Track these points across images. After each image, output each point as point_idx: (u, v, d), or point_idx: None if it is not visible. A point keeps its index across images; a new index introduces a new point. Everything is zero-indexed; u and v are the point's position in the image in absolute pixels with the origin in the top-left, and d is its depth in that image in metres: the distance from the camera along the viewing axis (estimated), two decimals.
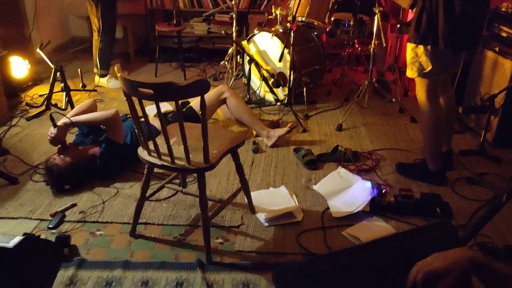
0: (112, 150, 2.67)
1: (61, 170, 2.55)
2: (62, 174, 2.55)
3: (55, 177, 2.56)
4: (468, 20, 2.24)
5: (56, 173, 2.55)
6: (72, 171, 2.57)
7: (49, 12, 5.13)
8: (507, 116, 2.95)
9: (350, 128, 3.45)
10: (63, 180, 2.57)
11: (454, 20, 2.22)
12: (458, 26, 2.24)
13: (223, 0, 5.02)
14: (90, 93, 4.07)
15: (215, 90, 3.15)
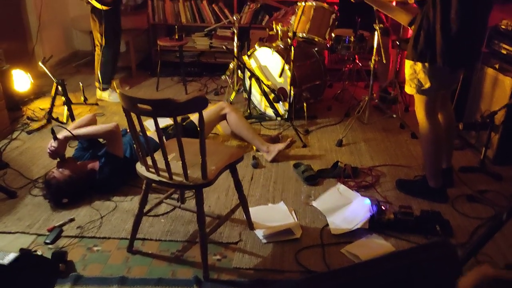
0: (112, 163, 2.67)
1: (59, 184, 2.55)
2: (60, 188, 2.55)
3: (53, 190, 2.55)
4: (465, 37, 2.24)
5: (55, 186, 2.55)
6: (70, 184, 2.57)
7: (53, 26, 5.18)
8: (508, 133, 2.94)
9: (351, 144, 3.44)
10: (61, 193, 2.56)
11: (451, 37, 2.23)
12: (455, 44, 2.24)
13: (225, 16, 5.06)
14: (91, 107, 4.08)
15: (215, 106, 3.17)
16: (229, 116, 3.17)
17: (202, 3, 5.08)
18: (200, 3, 5.09)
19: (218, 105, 3.22)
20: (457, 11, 2.19)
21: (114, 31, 4.14)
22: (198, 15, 5.15)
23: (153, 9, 5.17)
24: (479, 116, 3.10)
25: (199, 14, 5.14)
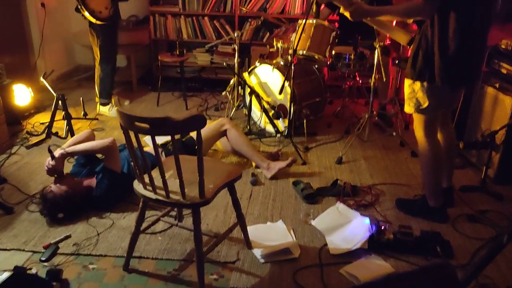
0: (109, 178, 2.66)
1: (56, 198, 2.53)
2: (56, 202, 2.53)
3: (50, 205, 2.54)
4: (463, 57, 2.24)
5: (51, 201, 2.53)
6: (67, 199, 2.55)
7: (55, 41, 5.22)
8: (509, 152, 2.93)
9: (350, 161, 3.43)
10: (57, 208, 2.55)
11: (449, 57, 2.23)
12: (453, 63, 2.24)
13: (226, 32, 5.09)
14: (91, 121, 4.08)
15: (215, 122, 3.17)
16: (229, 132, 3.16)
17: (204, 20, 5.12)
18: (202, 20, 5.13)
19: (218, 121, 3.21)
20: (455, 30, 2.20)
21: (111, 46, 4.16)
22: (200, 31, 5.18)
23: (155, 25, 5.22)
24: (479, 135, 3.09)
25: (201, 30, 5.18)
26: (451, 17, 2.19)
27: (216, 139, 3.21)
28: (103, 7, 3.87)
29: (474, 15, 2.20)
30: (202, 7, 5.07)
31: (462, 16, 2.18)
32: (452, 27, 2.20)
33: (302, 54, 3.59)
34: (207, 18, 5.11)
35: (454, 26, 2.19)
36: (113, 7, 3.92)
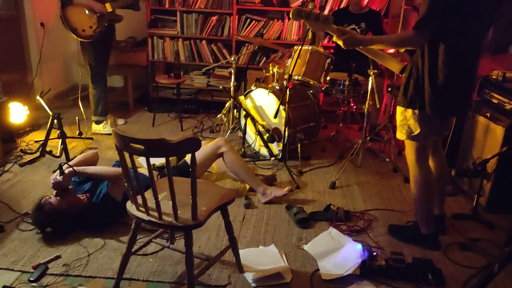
0: (109, 206, 2.65)
1: (52, 211, 2.52)
2: (50, 215, 2.51)
3: (44, 216, 2.52)
4: (452, 87, 2.28)
5: (46, 212, 2.51)
6: (61, 215, 2.54)
7: (54, 60, 5.26)
8: (500, 181, 2.96)
9: (344, 186, 3.44)
10: (49, 221, 2.52)
11: (439, 86, 2.27)
12: (442, 93, 2.28)
13: (223, 56, 5.17)
14: (86, 141, 4.09)
15: (212, 144, 3.14)
16: (226, 155, 3.13)
17: (201, 43, 5.20)
18: (200, 43, 5.21)
19: (215, 142, 3.16)
20: (444, 61, 2.25)
21: (100, 66, 4.20)
22: (197, 54, 5.25)
23: (153, 47, 5.29)
24: (471, 163, 3.13)
25: (198, 53, 5.25)
26: (441, 49, 2.25)
27: (211, 161, 3.18)
28: (87, 25, 3.94)
29: (463, 47, 2.26)
30: (200, 31, 5.16)
31: (451, 48, 2.23)
32: (442, 58, 2.25)
33: (297, 79, 3.65)
34: (204, 41, 5.19)
35: (443, 58, 2.25)
36: (100, 26, 3.96)
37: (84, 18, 3.92)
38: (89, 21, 3.94)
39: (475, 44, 2.31)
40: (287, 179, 3.49)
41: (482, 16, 2.25)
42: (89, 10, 3.92)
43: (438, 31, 2.20)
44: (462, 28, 2.20)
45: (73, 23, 3.90)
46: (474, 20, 2.22)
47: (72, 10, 3.89)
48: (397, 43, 2.37)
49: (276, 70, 4.05)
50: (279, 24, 5.05)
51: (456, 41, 2.22)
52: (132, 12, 4.25)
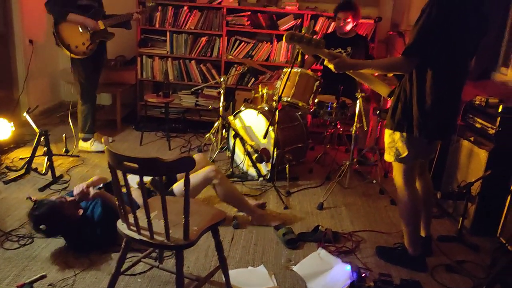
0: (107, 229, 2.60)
1: (54, 209, 2.52)
2: (51, 213, 2.50)
3: (44, 210, 2.50)
4: (439, 111, 2.35)
5: (49, 207, 2.51)
6: (59, 218, 2.53)
7: (41, 76, 5.24)
8: (484, 204, 3.01)
9: (331, 207, 3.47)
10: (47, 218, 2.50)
11: (426, 110, 2.34)
12: (430, 116, 2.35)
13: (212, 76, 5.22)
14: (73, 158, 4.05)
15: (203, 174, 2.97)
16: (217, 187, 3.01)
17: (191, 63, 5.25)
18: (189, 63, 5.25)
19: (206, 173, 2.98)
20: (431, 86, 2.32)
21: (90, 83, 4.20)
22: (186, 74, 5.29)
23: (142, 66, 5.31)
24: (456, 186, 3.19)
25: (187, 73, 5.29)
26: (429, 74, 2.32)
27: (200, 190, 3.06)
28: (80, 42, 3.95)
29: (451, 73, 2.33)
30: (190, 51, 5.21)
31: (439, 74, 2.30)
32: (429, 83, 2.32)
33: (286, 101, 3.70)
34: (194, 61, 5.24)
35: (431, 83, 2.32)
36: (93, 44, 3.98)
37: (77, 34, 3.94)
38: (82, 38, 3.95)
39: (461, 70, 2.39)
40: (275, 199, 3.51)
41: (468, 44, 2.33)
42: (82, 27, 3.94)
43: (426, 57, 2.27)
44: (449, 55, 2.28)
45: (66, 39, 3.91)
46: (460, 48, 2.30)
47: (66, 26, 3.90)
48: (386, 67, 2.44)
49: (265, 92, 4.10)
50: (267, 46, 5.13)
51: (443, 67, 2.30)
52: (122, 31, 4.29)
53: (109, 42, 4.22)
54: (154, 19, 5.14)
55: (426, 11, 2.20)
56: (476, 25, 2.30)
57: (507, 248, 2.70)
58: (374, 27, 5.00)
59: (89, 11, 3.96)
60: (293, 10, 5.03)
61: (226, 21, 5.05)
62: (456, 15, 2.21)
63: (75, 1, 3.91)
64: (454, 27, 2.22)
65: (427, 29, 2.21)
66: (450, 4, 2.21)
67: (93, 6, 4.02)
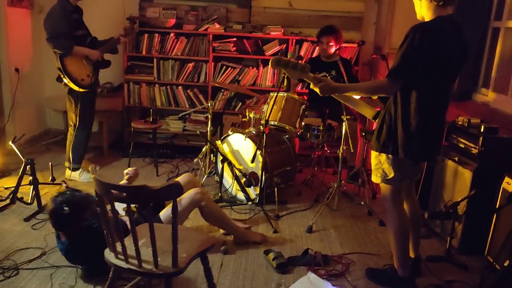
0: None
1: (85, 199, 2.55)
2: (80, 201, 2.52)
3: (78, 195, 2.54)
4: (424, 133, 2.39)
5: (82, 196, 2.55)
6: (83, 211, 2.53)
7: (27, 105, 5.22)
8: (471, 223, 3.05)
9: (320, 230, 3.47)
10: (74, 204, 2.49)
11: (411, 132, 2.38)
12: (415, 139, 2.39)
13: (200, 101, 5.25)
14: (59, 186, 4.01)
15: (188, 197, 2.92)
16: (204, 208, 2.99)
17: (178, 89, 5.28)
18: (176, 89, 5.29)
19: (191, 196, 2.93)
20: (416, 109, 2.37)
21: (90, 113, 4.21)
22: (173, 100, 5.32)
23: (129, 92, 5.33)
24: (443, 205, 3.22)
25: (174, 98, 5.32)
26: (413, 96, 2.37)
27: (188, 214, 3.03)
28: (85, 75, 3.97)
29: (434, 95, 2.39)
30: (177, 77, 5.25)
31: (423, 96, 2.36)
32: (414, 105, 2.37)
33: (273, 124, 3.74)
34: (181, 87, 5.28)
35: (415, 105, 2.37)
36: (95, 74, 4.01)
37: (82, 67, 3.94)
38: (87, 70, 3.97)
39: (444, 92, 2.45)
40: (264, 223, 3.50)
41: (451, 68, 2.40)
42: (86, 59, 3.94)
43: (410, 80, 2.33)
44: (432, 79, 2.34)
45: (74, 73, 3.88)
46: (443, 72, 2.37)
47: (71, 61, 3.88)
48: (370, 90, 2.49)
49: (253, 116, 4.14)
50: (254, 71, 5.20)
51: (427, 90, 2.35)
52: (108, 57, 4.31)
53: None
54: (140, 46, 5.19)
55: (410, 37, 2.27)
56: (457, 51, 2.37)
57: (495, 267, 2.72)
58: (357, 50, 5.11)
59: (85, 41, 3.97)
60: (278, 35, 5.13)
61: (213, 47, 5.12)
62: (438, 42, 2.28)
63: (72, 32, 3.90)
64: (436, 53, 2.28)
65: (410, 54, 2.27)
66: (432, 31, 2.28)
67: (87, 35, 4.05)
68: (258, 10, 5.31)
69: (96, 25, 4.35)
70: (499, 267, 2.66)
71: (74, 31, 3.91)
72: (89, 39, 4.02)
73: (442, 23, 2.32)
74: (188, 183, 3.14)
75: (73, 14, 3.91)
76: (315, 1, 5.22)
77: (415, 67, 2.30)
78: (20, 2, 4.91)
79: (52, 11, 3.86)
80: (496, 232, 2.84)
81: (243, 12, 5.34)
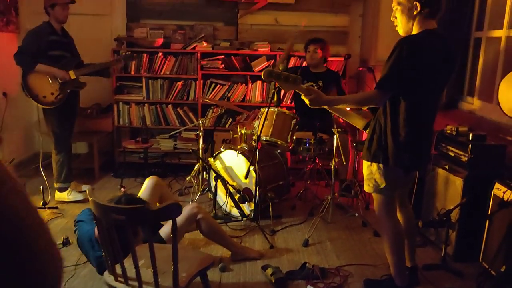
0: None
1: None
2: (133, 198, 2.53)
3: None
4: (413, 143, 2.44)
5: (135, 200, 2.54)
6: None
7: (16, 128, 5.18)
8: (464, 230, 3.09)
9: (316, 243, 3.48)
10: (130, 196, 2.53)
11: (401, 143, 2.42)
12: (405, 148, 2.43)
13: (190, 119, 5.26)
14: (51, 210, 3.97)
15: (185, 212, 2.88)
16: (202, 222, 2.96)
17: (167, 108, 5.29)
18: (166, 108, 5.30)
19: (188, 210, 2.91)
20: (405, 119, 2.42)
21: (64, 132, 4.19)
22: (163, 118, 5.32)
23: (119, 113, 5.32)
24: (436, 214, 3.26)
25: (164, 117, 5.32)
26: (402, 107, 2.42)
27: (185, 230, 3.01)
28: (49, 92, 3.97)
29: (423, 105, 2.45)
30: (166, 95, 5.26)
31: (411, 106, 2.41)
32: (403, 116, 2.42)
33: (265, 140, 3.77)
34: (170, 106, 5.29)
35: (404, 115, 2.42)
36: (62, 93, 4.00)
37: (46, 85, 3.95)
38: (51, 88, 3.97)
39: (433, 102, 2.51)
40: (260, 239, 3.50)
41: (438, 77, 2.46)
42: (51, 78, 3.96)
43: (398, 91, 2.38)
44: (420, 88, 2.40)
45: (34, 89, 3.92)
46: (431, 81, 2.43)
47: (34, 77, 3.92)
48: (360, 102, 2.54)
49: (244, 132, 4.16)
50: (243, 87, 5.24)
51: (416, 100, 2.41)
52: (97, 79, 4.33)
53: (85, 90, 4.25)
54: (129, 66, 5.20)
55: (397, 49, 2.32)
56: (444, 62, 2.43)
57: (490, 273, 2.76)
58: (344, 64, 5.19)
59: (59, 61, 4.00)
60: (265, 51, 5.19)
61: (201, 65, 5.15)
62: (425, 53, 2.34)
63: (46, 51, 3.94)
64: (423, 64, 2.34)
65: (398, 65, 2.32)
66: (419, 44, 2.35)
67: (65, 56, 4.06)
68: (245, 27, 5.38)
69: (84, 46, 4.37)
70: (494, 273, 2.70)
71: (48, 51, 3.95)
72: (64, 60, 4.03)
73: (428, 36, 2.39)
74: (154, 187, 3.15)
75: (50, 35, 3.98)
76: (301, 17, 5.29)
77: (403, 78, 2.35)
78: (6, 26, 4.92)
79: (28, 32, 4.00)
80: (490, 238, 2.89)
81: (230, 29, 5.40)
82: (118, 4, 5.35)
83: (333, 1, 5.28)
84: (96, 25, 5.37)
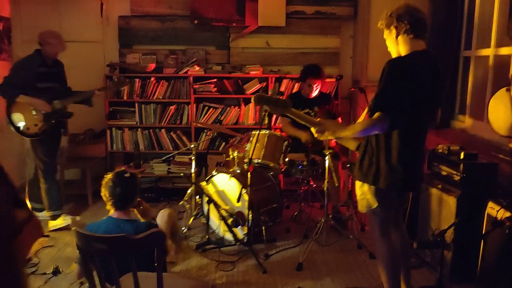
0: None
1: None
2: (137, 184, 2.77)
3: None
4: (406, 164, 2.42)
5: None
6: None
7: (7, 156, 5.14)
8: (459, 250, 3.04)
9: (311, 267, 3.42)
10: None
11: (393, 164, 2.40)
12: (397, 169, 2.41)
13: (183, 142, 5.25)
14: (42, 239, 3.91)
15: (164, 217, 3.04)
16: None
17: (161, 132, 5.28)
18: (159, 132, 5.29)
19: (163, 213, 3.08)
20: (397, 140, 2.40)
21: (50, 160, 4.15)
22: (156, 143, 5.31)
23: (112, 138, 5.30)
24: (430, 234, 3.22)
25: (157, 141, 5.31)
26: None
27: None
28: (32, 124, 3.97)
29: (415, 126, 2.44)
30: (159, 120, 5.26)
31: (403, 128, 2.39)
32: (395, 137, 2.40)
33: (257, 162, 3.75)
34: (164, 130, 5.28)
35: (396, 137, 2.40)
36: (46, 124, 3.98)
37: (30, 116, 3.94)
38: (35, 119, 3.96)
39: (424, 123, 2.50)
40: (254, 264, 3.44)
41: (428, 97, 2.45)
42: (35, 109, 3.95)
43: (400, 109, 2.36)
44: (411, 109, 2.38)
45: (17, 121, 3.93)
46: (421, 101, 2.41)
47: (18, 108, 3.92)
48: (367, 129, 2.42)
49: (236, 155, 4.14)
50: (235, 110, 5.25)
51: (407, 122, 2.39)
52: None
53: (77, 116, 4.25)
54: (122, 91, 5.21)
55: (386, 70, 2.32)
56: (434, 82, 2.44)
57: None
58: (336, 84, 5.20)
59: (45, 93, 3.99)
60: (257, 74, 5.22)
61: (194, 89, 5.16)
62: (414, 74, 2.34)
63: (33, 84, 3.93)
64: (412, 85, 2.33)
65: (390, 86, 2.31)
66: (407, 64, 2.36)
67: (53, 88, 4.06)
68: (236, 50, 5.41)
69: (77, 72, 4.39)
70: None
71: (36, 83, 3.94)
72: (53, 90, 4.02)
73: (417, 57, 2.39)
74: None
75: (39, 67, 3.97)
76: (292, 40, 5.35)
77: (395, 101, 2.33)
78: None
79: (16, 62, 4.02)
80: (485, 258, 2.84)
81: (222, 53, 5.44)
82: (111, 31, 5.40)
83: (323, 24, 5.33)
84: (89, 52, 5.40)
